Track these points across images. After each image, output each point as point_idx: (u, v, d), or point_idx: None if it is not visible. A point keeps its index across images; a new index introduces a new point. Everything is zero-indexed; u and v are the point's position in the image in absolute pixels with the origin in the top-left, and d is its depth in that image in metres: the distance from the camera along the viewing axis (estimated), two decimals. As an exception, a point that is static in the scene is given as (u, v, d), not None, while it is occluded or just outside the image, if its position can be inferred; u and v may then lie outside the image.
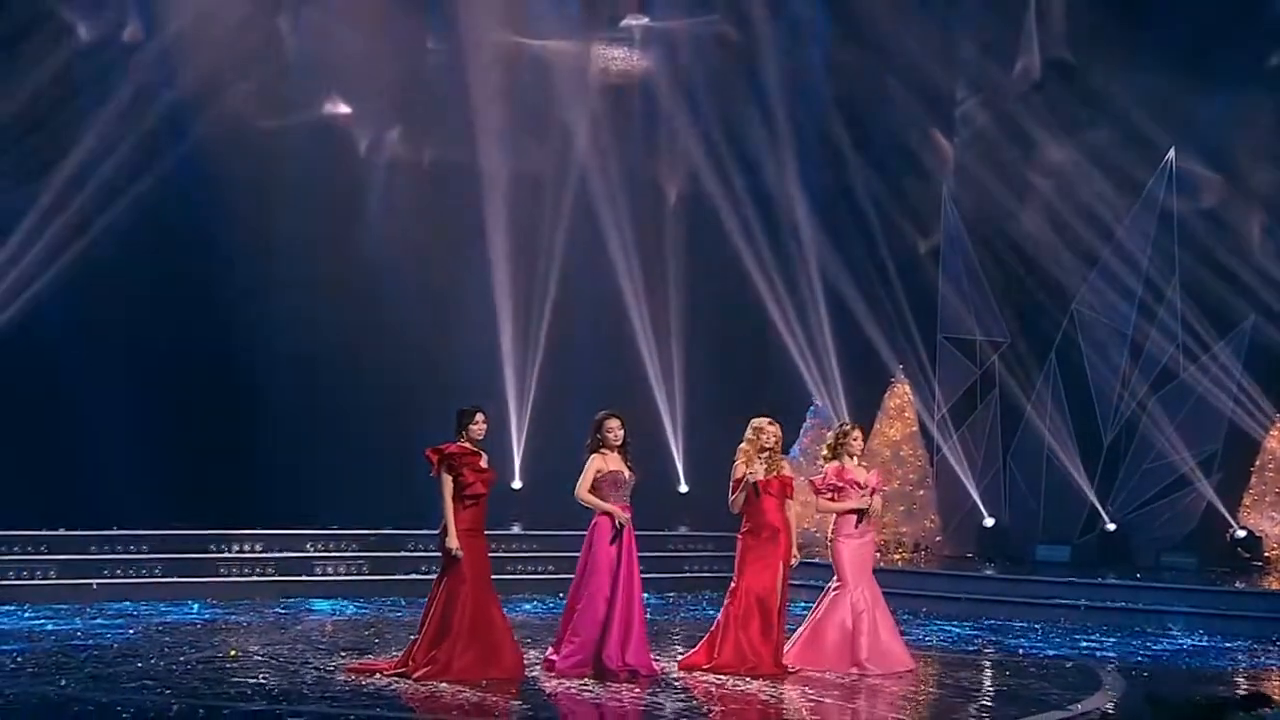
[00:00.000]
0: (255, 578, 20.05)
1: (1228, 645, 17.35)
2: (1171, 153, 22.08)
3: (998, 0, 23.22)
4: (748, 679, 14.31)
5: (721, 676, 14.36)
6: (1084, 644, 17.63)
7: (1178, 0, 22.06)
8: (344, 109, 23.31)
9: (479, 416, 14.10)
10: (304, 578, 20.03)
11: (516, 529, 21.66)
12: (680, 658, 15.23)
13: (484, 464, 14.17)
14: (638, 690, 13.30)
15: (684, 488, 22.64)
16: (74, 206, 20.81)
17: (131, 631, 16.39)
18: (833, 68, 23.71)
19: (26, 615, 17.51)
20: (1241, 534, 21.47)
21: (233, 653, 15.03)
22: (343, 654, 15.10)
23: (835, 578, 15.40)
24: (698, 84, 23.88)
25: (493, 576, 14.06)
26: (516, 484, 22.53)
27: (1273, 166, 22.11)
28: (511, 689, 13.27)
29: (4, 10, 20.74)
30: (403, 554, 20.21)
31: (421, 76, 23.39)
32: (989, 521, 22.74)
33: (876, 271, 23.20)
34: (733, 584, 14.98)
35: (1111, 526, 22.24)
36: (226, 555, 20.07)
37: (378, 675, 13.80)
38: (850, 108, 23.51)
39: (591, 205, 23.13)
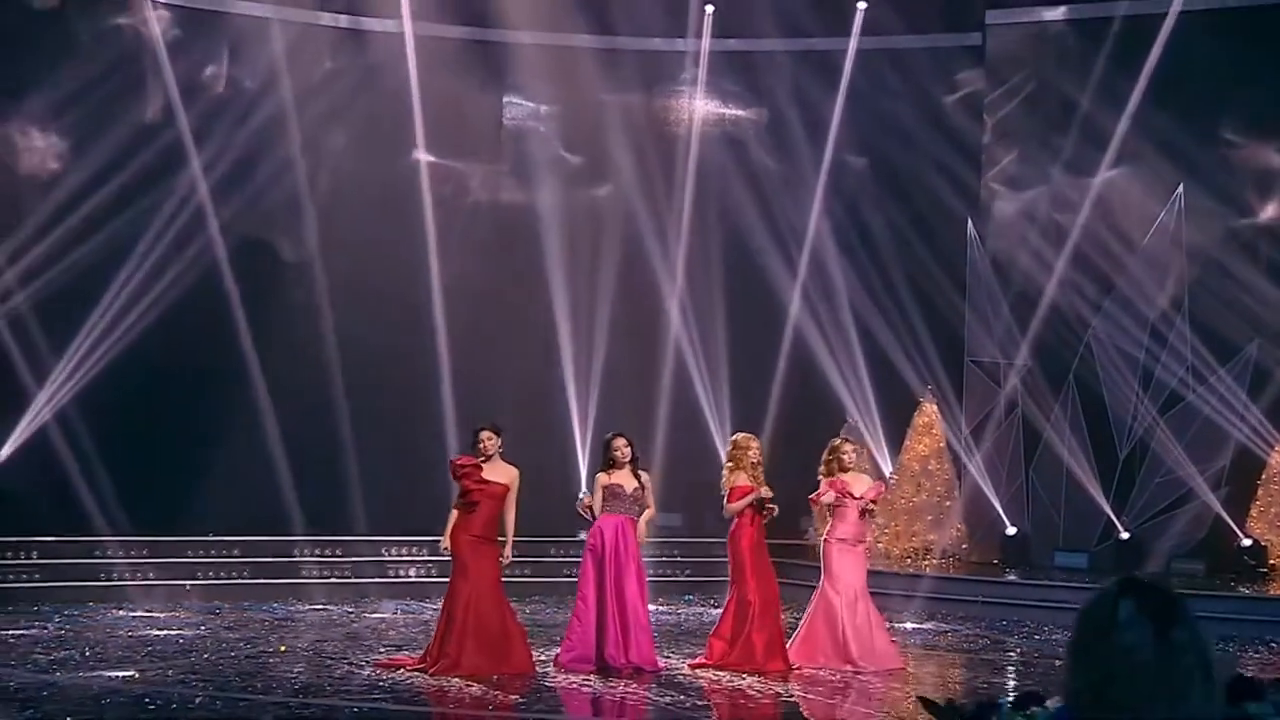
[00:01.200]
0: (333, 579, 20.90)
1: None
2: (1181, 188, 22.14)
3: (1022, 51, 23.43)
4: (752, 675, 14.80)
5: (722, 673, 14.85)
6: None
7: (1187, 49, 22.02)
8: (428, 156, 23.88)
9: (483, 434, 14.80)
10: (378, 579, 20.87)
11: (582, 536, 22.31)
12: (689, 660, 15.61)
13: (486, 475, 14.76)
14: (637, 685, 13.91)
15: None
16: (170, 236, 21.43)
17: (203, 629, 17.23)
18: (863, 119, 23.93)
19: (121, 612, 18.40)
20: (1248, 543, 21.56)
21: (282, 649, 15.91)
22: (381, 650, 15.78)
23: (824, 578, 15.89)
24: (744, 135, 24.48)
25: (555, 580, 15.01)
26: (582, 493, 23.18)
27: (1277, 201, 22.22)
28: (518, 684, 13.88)
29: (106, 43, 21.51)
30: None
31: (496, 127, 24.05)
32: (1011, 530, 22.93)
33: (906, 301, 23.44)
34: (733, 588, 15.51)
35: (1126, 535, 22.35)
36: (308, 559, 20.91)
37: (402, 670, 14.54)
38: (881, 152, 23.88)
39: (643, 244, 23.68)
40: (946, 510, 22.95)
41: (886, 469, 22.98)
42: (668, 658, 15.57)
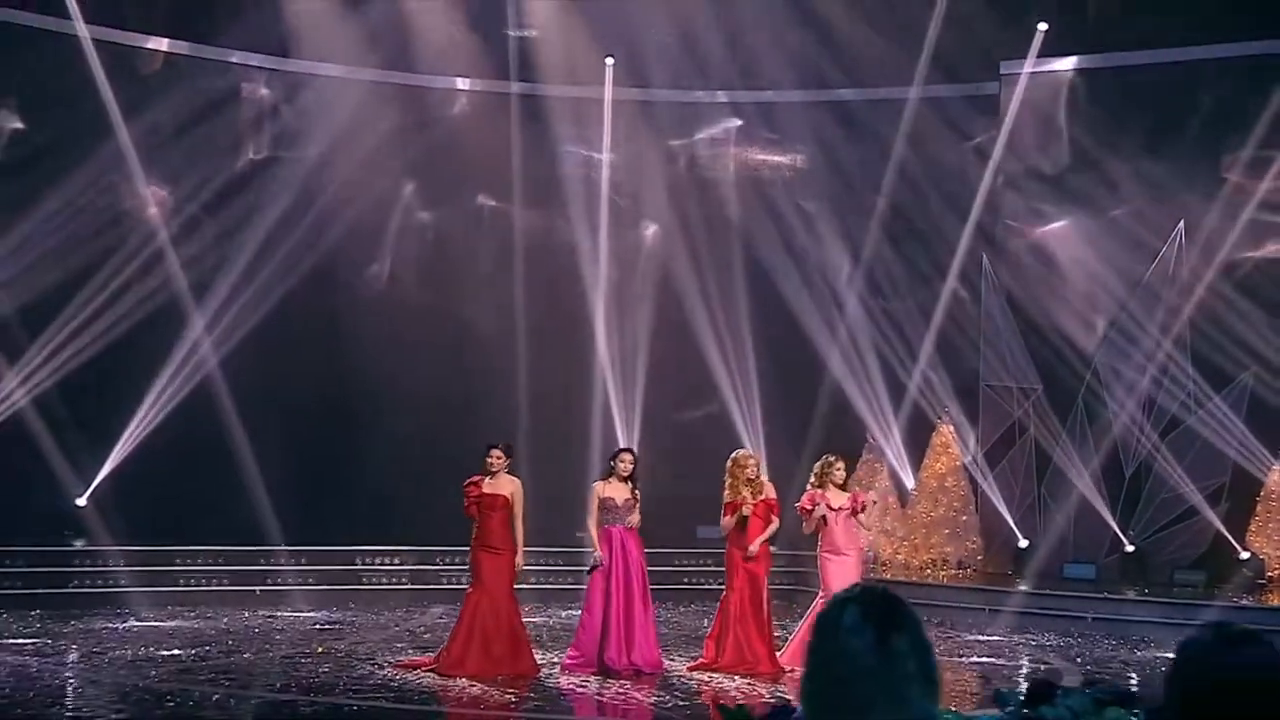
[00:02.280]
0: (391, 586, 21.81)
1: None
2: (1181, 225, 22.42)
3: (1034, 99, 23.74)
4: (747, 677, 15.31)
5: (717, 674, 15.37)
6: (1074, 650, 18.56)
7: (1189, 95, 22.37)
8: (490, 201, 25.16)
9: (493, 452, 15.42)
10: (432, 586, 21.57)
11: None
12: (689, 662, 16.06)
13: (487, 490, 15.33)
14: (631, 685, 14.48)
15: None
16: (259, 279, 22.53)
17: (256, 630, 18.18)
18: (885, 164, 24.29)
19: (192, 615, 19.42)
20: (1246, 556, 21.75)
21: (320, 650, 16.59)
22: (410, 652, 16.40)
23: (820, 589, 16.27)
24: (774, 179, 25.40)
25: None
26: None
27: (1274, 238, 22.47)
28: (518, 684, 14.42)
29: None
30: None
31: (551, 173, 24.86)
32: (1024, 543, 23.21)
33: (924, 331, 23.98)
34: (727, 592, 15.98)
35: (1131, 548, 22.55)
36: (368, 567, 21.85)
37: (418, 670, 15.13)
38: (901, 194, 24.37)
39: (677, 281, 24.47)
40: (962, 524, 23.34)
41: (909, 484, 23.60)
42: (672, 660, 16.03)
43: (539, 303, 24.41)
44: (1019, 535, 23.38)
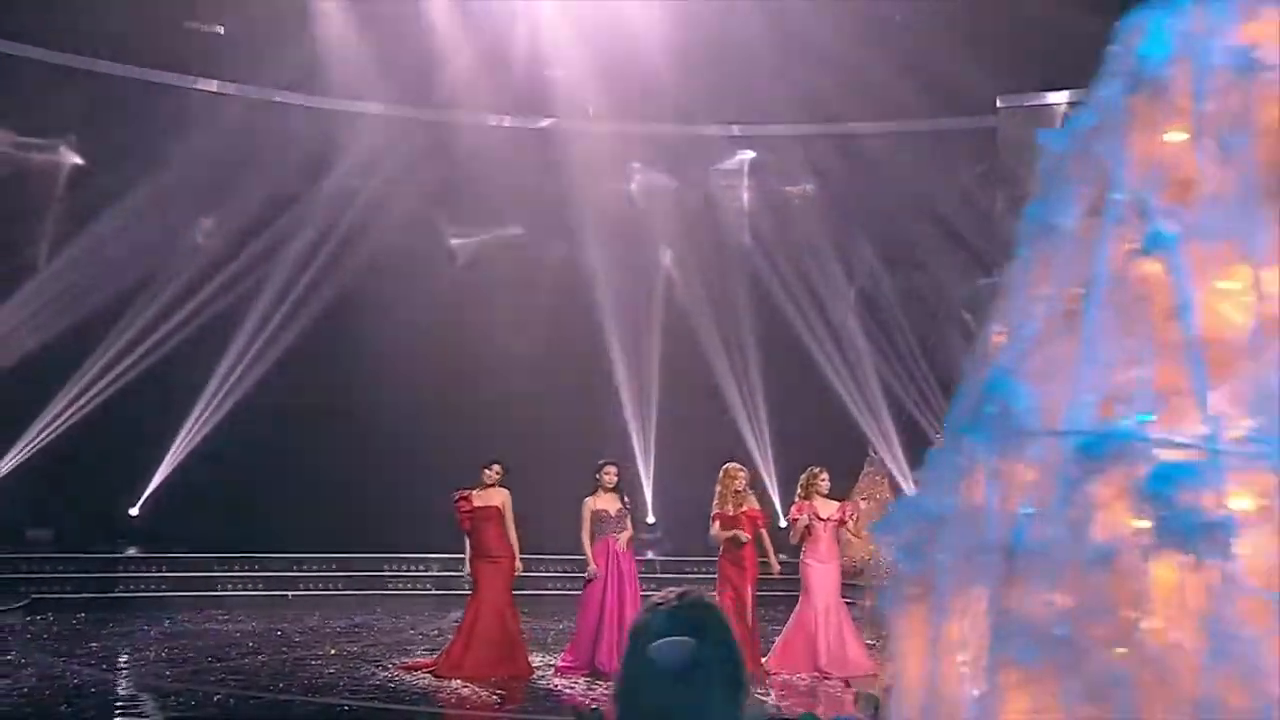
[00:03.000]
0: (417, 591, 22.41)
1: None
2: None
3: (1030, 130, 23.12)
4: None
5: None
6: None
7: None
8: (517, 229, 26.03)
9: (495, 466, 15.96)
10: (455, 592, 20.97)
11: (650, 555, 23.19)
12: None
13: (477, 502, 15.79)
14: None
15: (783, 523, 24.48)
16: (290, 298, 23.55)
17: (278, 634, 18.58)
18: (887, 195, 25.09)
19: (224, 619, 19.90)
20: None
21: (332, 651, 16.95)
22: (419, 654, 16.60)
23: (802, 594, 16.56)
24: (784, 209, 26.13)
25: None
26: (650, 519, 24.24)
27: None
28: (510, 686, 14.71)
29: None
30: (530, 574, 21.36)
31: (572, 202, 25.47)
32: None
33: (920, 354, 24.75)
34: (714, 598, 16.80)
35: None
36: (396, 574, 22.47)
37: (419, 671, 15.41)
38: (903, 222, 24.96)
39: (689, 304, 25.27)
40: None
41: (911, 492, 24.04)
42: None
43: (560, 326, 25.07)
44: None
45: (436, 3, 24.44)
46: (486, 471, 16.00)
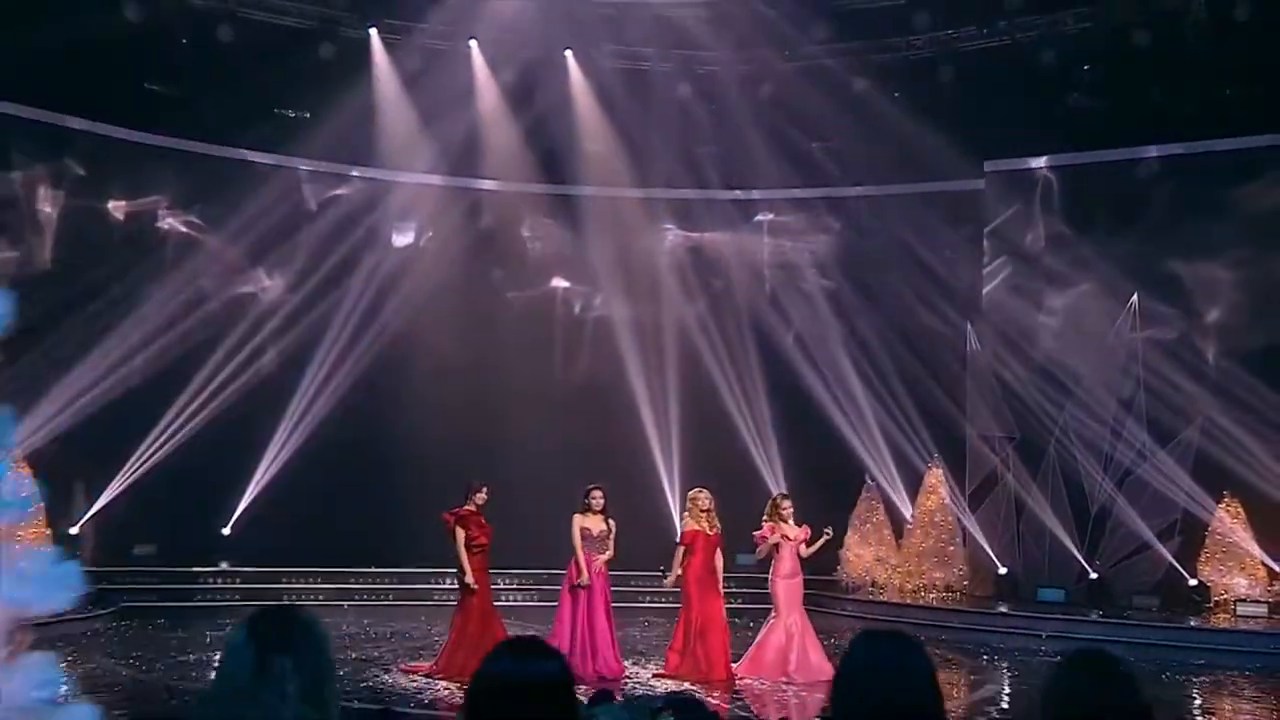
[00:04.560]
0: (452, 602, 23.27)
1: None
2: (1135, 297, 23.70)
3: (1016, 186, 25.25)
4: (702, 684, 16.09)
5: (676, 680, 16.23)
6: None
7: (1145, 186, 23.73)
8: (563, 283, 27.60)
9: (485, 489, 16.43)
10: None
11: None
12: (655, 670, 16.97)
13: (484, 521, 16.24)
14: (589, 689, 13.77)
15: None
16: (352, 351, 25.11)
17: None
18: (887, 249, 26.34)
19: None
20: (1194, 583, 22.81)
21: (353, 655, 17.67)
22: (423, 657, 17.16)
23: (773, 609, 17.32)
24: (796, 263, 27.37)
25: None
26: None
27: (1224, 309, 23.40)
28: None
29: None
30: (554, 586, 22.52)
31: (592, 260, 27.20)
32: (1003, 570, 24.62)
33: (917, 392, 25.68)
34: (685, 611, 16.81)
35: (1095, 576, 23.90)
36: (438, 586, 23.24)
37: (417, 673, 16.13)
38: (899, 275, 26.18)
39: (706, 351, 26.53)
40: (950, 554, 24.69)
41: (908, 516, 25.23)
42: (645, 666, 17.23)
43: (587, 371, 26.71)
44: (998, 564, 24.80)
45: (484, 88, 26.28)
46: (479, 494, 16.54)
